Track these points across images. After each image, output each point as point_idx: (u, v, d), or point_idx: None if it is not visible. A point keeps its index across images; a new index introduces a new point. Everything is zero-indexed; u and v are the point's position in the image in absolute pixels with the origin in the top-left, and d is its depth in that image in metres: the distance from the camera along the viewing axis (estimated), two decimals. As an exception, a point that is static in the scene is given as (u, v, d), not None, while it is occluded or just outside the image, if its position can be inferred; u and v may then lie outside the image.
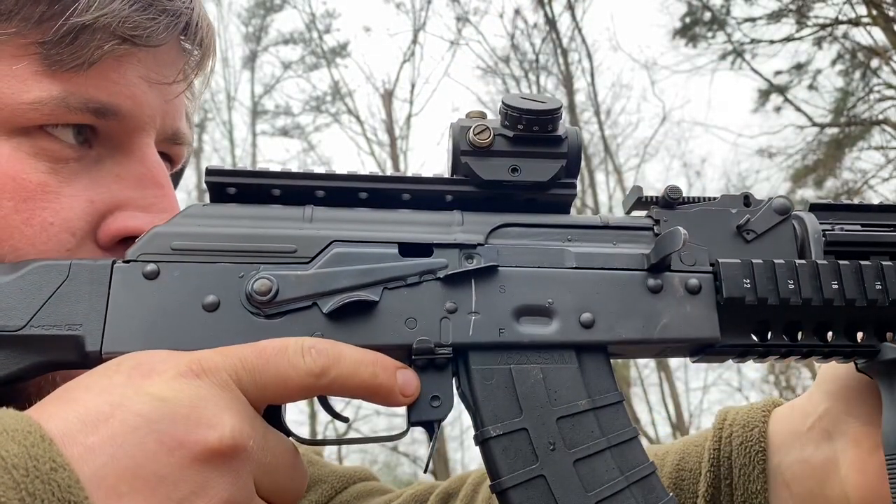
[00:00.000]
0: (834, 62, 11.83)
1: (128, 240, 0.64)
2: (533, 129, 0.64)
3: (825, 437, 0.75)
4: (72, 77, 0.61)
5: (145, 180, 0.66)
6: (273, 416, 0.55)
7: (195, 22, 0.69)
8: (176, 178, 0.84)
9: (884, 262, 0.66)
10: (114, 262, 0.58)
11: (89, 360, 0.55)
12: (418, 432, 0.61)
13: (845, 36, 11.49)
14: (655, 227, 0.67)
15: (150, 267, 0.58)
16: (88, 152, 0.64)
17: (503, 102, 0.65)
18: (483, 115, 0.67)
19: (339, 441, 0.67)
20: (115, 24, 0.61)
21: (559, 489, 0.57)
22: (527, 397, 0.59)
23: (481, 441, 0.59)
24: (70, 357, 0.56)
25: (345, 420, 0.68)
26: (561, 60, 13.93)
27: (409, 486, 1.03)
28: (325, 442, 0.72)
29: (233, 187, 0.62)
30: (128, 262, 0.58)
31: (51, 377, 0.58)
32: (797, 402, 0.80)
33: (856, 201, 0.73)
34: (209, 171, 0.62)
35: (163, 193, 0.66)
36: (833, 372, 0.75)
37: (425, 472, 0.69)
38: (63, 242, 0.62)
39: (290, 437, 0.57)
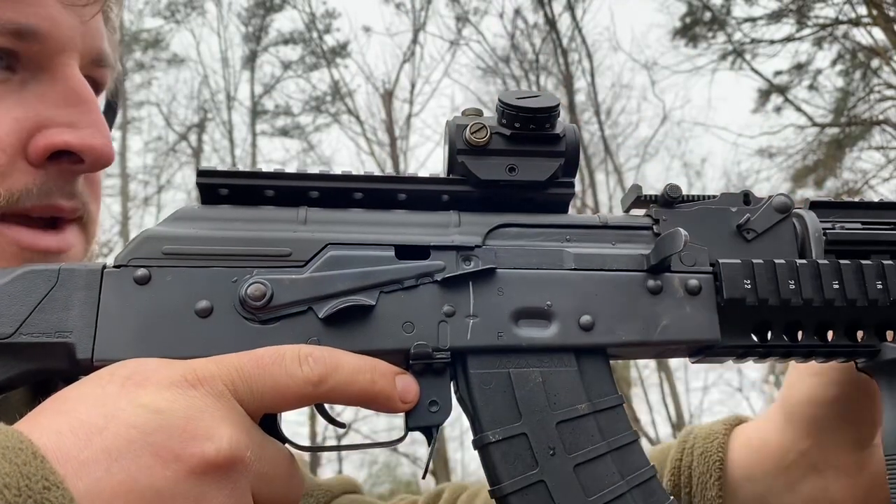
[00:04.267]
0: (834, 62, 11.85)
1: (61, 154, 0.64)
2: (530, 127, 0.63)
3: (812, 471, 0.78)
4: None
5: (69, 98, 0.65)
6: (269, 424, 0.54)
7: None
8: (110, 114, 0.83)
9: (885, 262, 0.66)
10: (104, 268, 0.57)
11: (80, 368, 0.54)
12: (418, 433, 0.60)
13: (845, 36, 11.50)
14: (655, 227, 0.66)
15: (141, 272, 0.57)
16: (12, 77, 0.64)
17: (500, 100, 0.64)
18: (479, 113, 0.66)
19: (337, 448, 0.67)
20: None
21: (560, 494, 0.57)
22: (526, 401, 0.59)
23: (480, 446, 0.58)
24: (61, 365, 0.55)
25: (342, 426, 0.67)
26: (561, 60, 13.93)
27: (393, 498, 1.03)
28: (322, 448, 0.72)
29: (225, 188, 0.62)
30: (118, 266, 0.57)
31: None
32: (768, 433, 0.82)
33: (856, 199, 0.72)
34: (200, 173, 0.62)
35: (87, 109, 0.66)
36: (808, 404, 0.76)
37: (423, 477, 0.68)
38: None
39: (287, 445, 0.56)
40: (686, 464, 0.84)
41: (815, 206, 0.70)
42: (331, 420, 0.65)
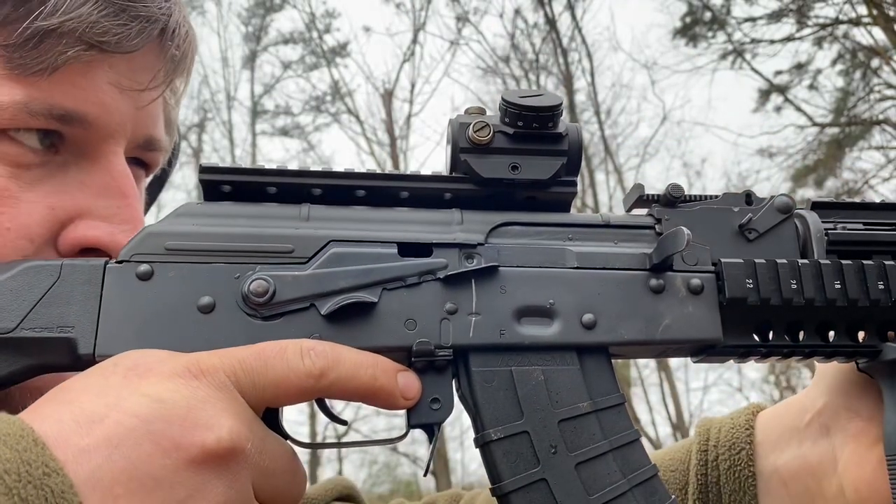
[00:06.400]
0: (834, 62, 11.85)
1: (89, 250, 0.63)
2: (533, 125, 0.63)
3: (823, 433, 0.75)
4: (36, 82, 0.60)
5: (110, 189, 0.65)
6: (271, 419, 0.54)
7: (172, 28, 0.67)
8: (159, 183, 0.83)
9: (886, 262, 0.66)
10: (106, 263, 0.57)
11: (82, 363, 0.54)
12: (418, 433, 0.60)
13: (846, 36, 11.50)
14: (657, 226, 0.66)
15: (144, 267, 0.57)
16: (54, 158, 0.63)
17: (503, 99, 0.64)
18: (482, 112, 0.66)
19: (338, 444, 0.67)
20: (81, 29, 0.60)
21: (561, 493, 0.57)
22: (528, 400, 0.59)
23: (482, 444, 0.58)
24: (63, 360, 0.55)
25: (343, 423, 0.67)
26: (561, 60, 13.93)
27: (392, 501, 1.02)
28: (323, 445, 0.72)
29: (227, 185, 0.62)
30: (121, 262, 0.57)
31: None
32: (792, 400, 0.80)
33: (857, 200, 0.73)
34: (203, 169, 0.62)
35: (126, 203, 0.65)
36: (833, 367, 0.74)
37: (425, 475, 0.69)
38: (20, 248, 0.60)
39: (288, 441, 0.56)
40: (713, 479, 0.79)
41: (816, 206, 0.70)
42: (332, 416, 0.64)
